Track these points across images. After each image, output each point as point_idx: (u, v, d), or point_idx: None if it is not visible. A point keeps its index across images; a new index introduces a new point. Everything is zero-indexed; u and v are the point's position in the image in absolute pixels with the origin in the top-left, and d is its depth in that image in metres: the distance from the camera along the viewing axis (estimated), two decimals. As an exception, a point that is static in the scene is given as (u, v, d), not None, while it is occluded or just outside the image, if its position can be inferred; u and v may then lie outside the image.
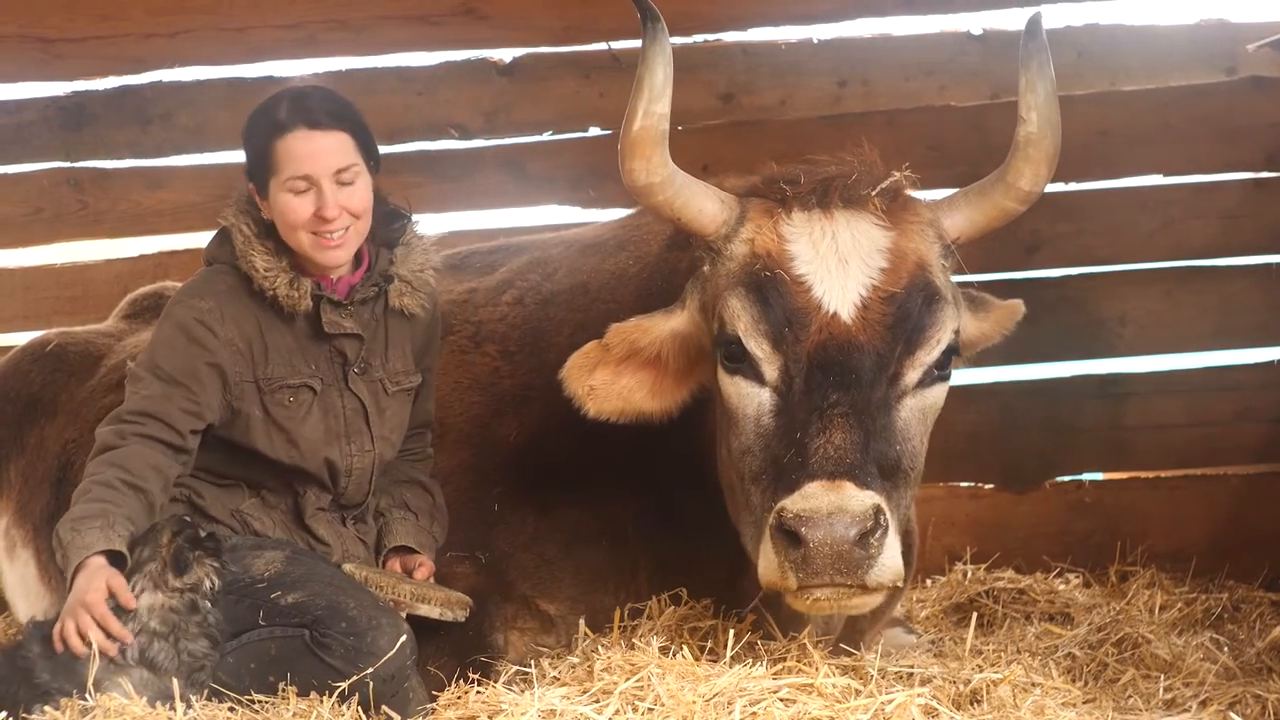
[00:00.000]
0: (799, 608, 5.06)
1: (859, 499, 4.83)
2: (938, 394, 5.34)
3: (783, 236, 5.27)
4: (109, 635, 5.01)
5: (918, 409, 5.27)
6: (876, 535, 4.82)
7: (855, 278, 5.18)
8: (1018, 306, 5.76)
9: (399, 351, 5.73)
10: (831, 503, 4.81)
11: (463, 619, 5.56)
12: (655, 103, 5.28)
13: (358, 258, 5.64)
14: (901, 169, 5.41)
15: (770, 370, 5.17)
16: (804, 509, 4.81)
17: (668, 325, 5.48)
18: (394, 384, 5.70)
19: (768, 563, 4.95)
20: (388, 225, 5.74)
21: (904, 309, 5.19)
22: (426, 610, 5.48)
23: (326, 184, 5.38)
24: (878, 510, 4.84)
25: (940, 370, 5.30)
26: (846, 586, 4.86)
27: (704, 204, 5.39)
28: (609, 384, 5.45)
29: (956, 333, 5.34)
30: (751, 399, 5.21)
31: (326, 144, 5.42)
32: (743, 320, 5.20)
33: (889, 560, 4.87)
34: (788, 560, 4.85)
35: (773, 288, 5.19)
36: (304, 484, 5.62)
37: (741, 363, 5.22)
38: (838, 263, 5.20)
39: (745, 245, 5.32)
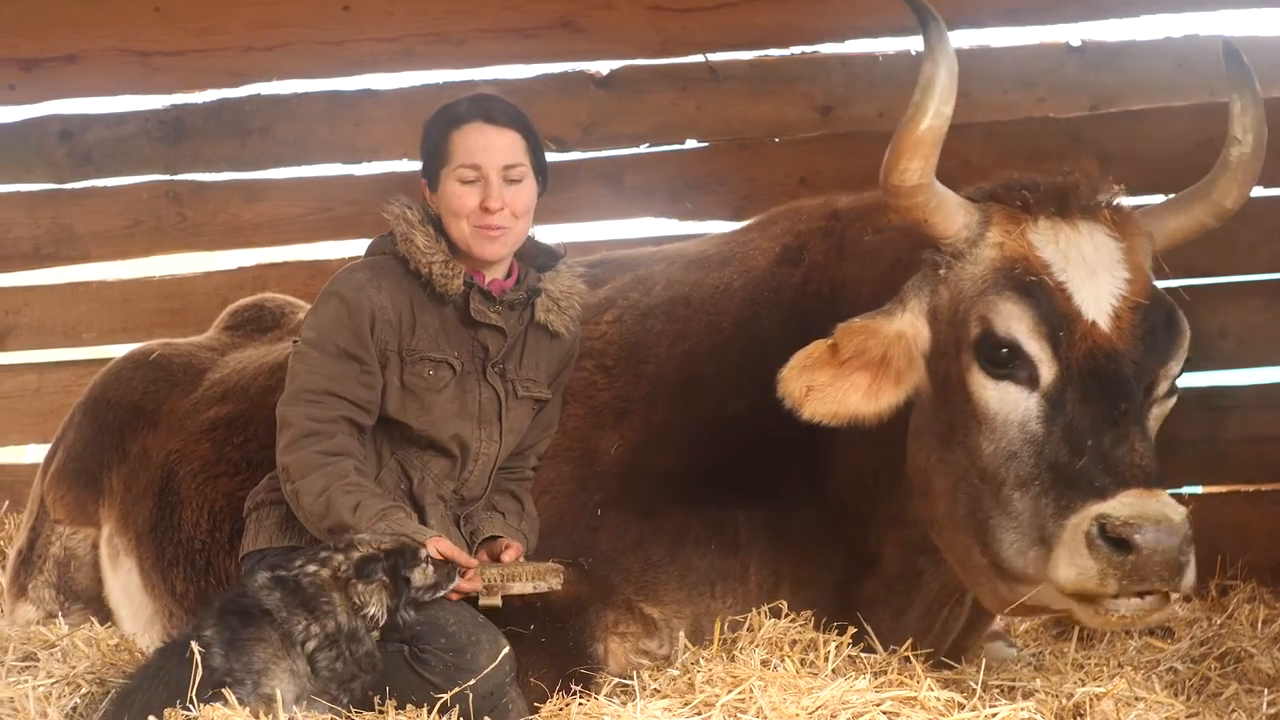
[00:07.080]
0: (1095, 624, 5.14)
1: (1177, 508, 4.88)
2: (1170, 405, 5.38)
3: (1032, 244, 5.26)
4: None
5: (1159, 418, 5.32)
6: (1189, 542, 4.86)
7: (1105, 287, 5.19)
8: None
9: (533, 363, 5.83)
10: (1158, 510, 4.84)
11: (558, 586, 5.50)
12: (945, 103, 5.29)
13: (508, 270, 5.80)
14: (1112, 181, 5.44)
15: (1047, 373, 5.14)
16: (1132, 516, 4.83)
17: (892, 327, 5.40)
18: (524, 389, 5.80)
19: (1081, 569, 4.91)
20: (542, 255, 5.94)
21: (1150, 319, 5.20)
22: (519, 588, 5.43)
23: (494, 176, 5.60)
24: (1188, 518, 4.87)
25: (1176, 380, 5.33)
26: (1155, 596, 4.90)
27: (953, 207, 5.37)
28: (828, 385, 5.34)
29: None
30: (1018, 404, 5.18)
31: (499, 140, 5.65)
32: (1024, 322, 5.16)
33: (1193, 567, 4.91)
34: (1111, 566, 4.84)
35: (1041, 292, 5.17)
36: (430, 459, 5.69)
37: (1008, 367, 5.19)
38: (1087, 272, 5.20)
39: (994, 250, 5.30)
